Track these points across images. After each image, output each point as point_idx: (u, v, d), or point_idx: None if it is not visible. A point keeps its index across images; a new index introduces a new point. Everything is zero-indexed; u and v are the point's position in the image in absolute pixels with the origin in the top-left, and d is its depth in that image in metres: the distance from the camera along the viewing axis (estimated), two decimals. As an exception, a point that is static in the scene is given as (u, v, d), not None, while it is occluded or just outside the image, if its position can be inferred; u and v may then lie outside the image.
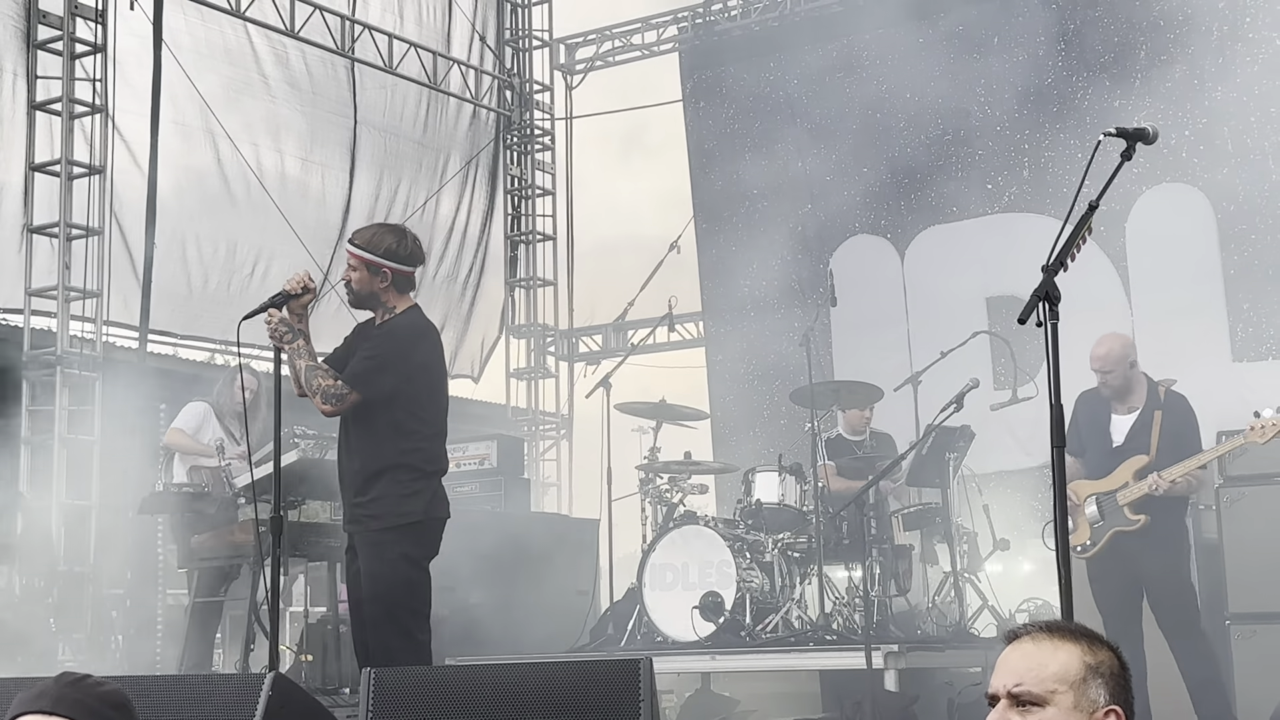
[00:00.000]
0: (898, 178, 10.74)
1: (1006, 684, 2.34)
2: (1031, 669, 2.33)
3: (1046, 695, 2.31)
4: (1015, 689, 2.32)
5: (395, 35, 12.03)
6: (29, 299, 9.43)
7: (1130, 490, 6.03)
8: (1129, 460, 6.08)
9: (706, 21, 12.21)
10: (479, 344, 13.22)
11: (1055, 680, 2.31)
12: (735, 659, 7.18)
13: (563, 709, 4.03)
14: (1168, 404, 6.20)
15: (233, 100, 10.78)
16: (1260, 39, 9.44)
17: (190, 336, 10.74)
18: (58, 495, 9.14)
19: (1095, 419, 6.32)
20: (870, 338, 10.70)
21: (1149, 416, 6.15)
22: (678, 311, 9.71)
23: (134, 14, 9.79)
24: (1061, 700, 2.30)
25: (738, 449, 10.75)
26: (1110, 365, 6.20)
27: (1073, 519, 6.20)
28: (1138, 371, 6.26)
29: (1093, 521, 6.15)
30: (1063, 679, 2.31)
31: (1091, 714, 2.31)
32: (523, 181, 13.50)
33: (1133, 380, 6.23)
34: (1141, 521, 5.99)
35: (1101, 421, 6.30)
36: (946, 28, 10.70)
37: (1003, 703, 2.34)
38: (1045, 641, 2.37)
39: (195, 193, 10.56)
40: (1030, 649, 2.37)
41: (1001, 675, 2.36)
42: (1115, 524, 6.05)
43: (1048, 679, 2.31)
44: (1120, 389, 6.22)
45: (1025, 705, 2.31)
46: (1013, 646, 2.40)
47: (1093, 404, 6.36)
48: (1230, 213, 9.45)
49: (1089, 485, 6.20)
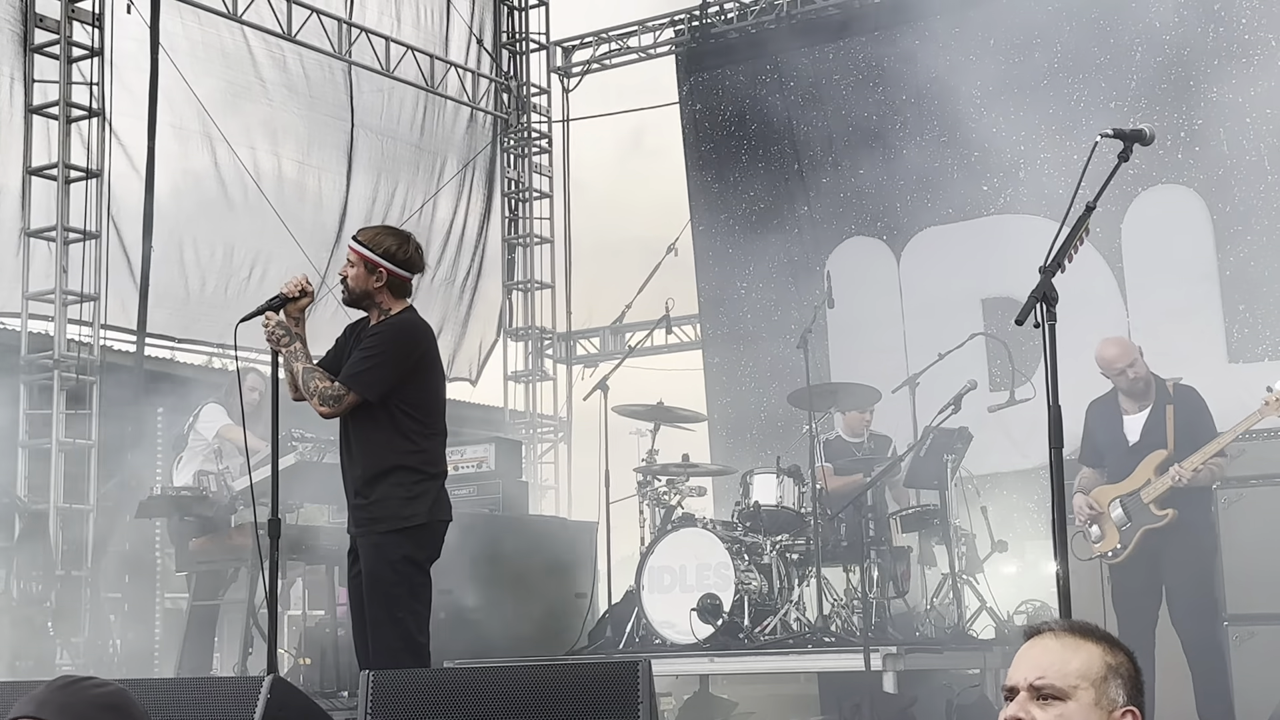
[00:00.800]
0: (893, 179, 10.74)
1: (1028, 676, 2.34)
2: (1055, 663, 2.34)
3: (1069, 690, 2.31)
4: (1038, 681, 2.32)
5: (392, 38, 12.04)
6: (26, 302, 9.43)
7: (1153, 486, 6.02)
8: (1148, 457, 6.07)
9: (703, 24, 12.22)
10: (477, 347, 13.23)
11: (1078, 676, 2.33)
12: (734, 661, 7.18)
13: (561, 711, 4.03)
14: (1178, 397, 6.19)
15: (230, 103, 10.78)
16: (1255, 40, 9.46)
17: (188, 340, 10.73)
18: (55, 499, 9.14)
19: (1108, 424, 6.32)
20: (866, 339, 10.70)
21: (1161, 412, 6.14)
22: (675, 314, 9.72)
23: (131, 18, 9.79)
24: (1083, 696, 2.31)
25: (736, 451, 10.76)
26: (1123, 365, 6.19)
27: (1100, 526, 6.20)
28: (1146, 369, 6.27)
29: (1120, 524, 6.12)
30: (1085, 675, 2.33)
31: (1111, 712, 2.32)
32: (520, 184, 13.51)
33: (1144, 377, 6.23)
34: (1169, 516, 5.99)
35: (1114, 424, 6.29)
36: (942, 30, 10.72)
37: (1023, 694, 2.34)
38: (1068, 638, 2.38)
39: (192, 196, 10.56)
40: (1053, 644, 2.37)
41: (1022, 668, 2.36)
42: (1143, 522, 6.04)
43: (1070, 674, 2.32)
44: (1132, 388, 6.21)
45: (1047, 699, 2.32)
46: (1033, 641, 2.40)
47: (1103, 410, 6.36)
48: (1225, 214, 9.46)
49: (1111, 490, 6.19)
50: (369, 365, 4.99)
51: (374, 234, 5.19)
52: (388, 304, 5.12)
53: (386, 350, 5.02)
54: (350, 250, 5.14)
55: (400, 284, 5.12)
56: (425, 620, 5.07)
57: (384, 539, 5.00)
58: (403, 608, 4.99)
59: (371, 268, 5.06)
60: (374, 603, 5.00)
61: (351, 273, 5.09)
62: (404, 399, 5.04)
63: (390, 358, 5.01)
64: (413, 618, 5.01)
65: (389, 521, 4.99)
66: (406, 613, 4.99)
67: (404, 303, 5.16)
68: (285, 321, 5.04)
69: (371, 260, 5.06)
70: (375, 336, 5.08)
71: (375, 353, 5.02)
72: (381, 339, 5.06)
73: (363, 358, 5.02)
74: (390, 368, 5.00)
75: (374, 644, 5.01)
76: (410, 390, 5.06)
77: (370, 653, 5.02)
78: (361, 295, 5.11)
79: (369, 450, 5.06)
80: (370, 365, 4.99)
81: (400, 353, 5.04)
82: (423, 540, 5.05)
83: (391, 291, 5.11)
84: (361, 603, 5.08)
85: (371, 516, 5.03)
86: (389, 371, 5.00)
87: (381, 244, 5.10)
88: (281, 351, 5.03)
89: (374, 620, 5.00)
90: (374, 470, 5.04)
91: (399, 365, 5.02)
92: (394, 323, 5.10)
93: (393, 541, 4.99)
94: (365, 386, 4.99)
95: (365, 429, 5.07)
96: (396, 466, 5.02)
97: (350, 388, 4.98)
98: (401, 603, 4.99)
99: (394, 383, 5.01)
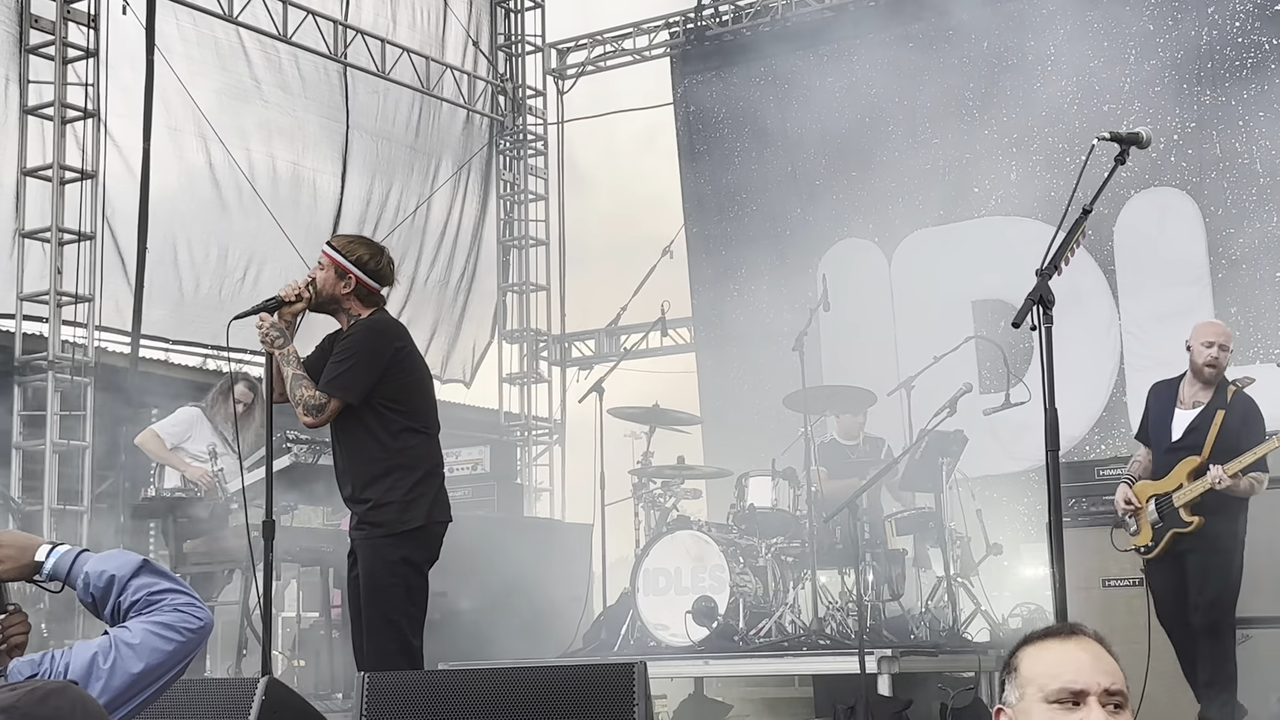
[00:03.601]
0: (885, 181, 10.76)
1: (1102, 682, 2.18)
2: (1115, 669, 2.22)
3: (1129, 696, 2.22)
4: (1113, 686, 2.18)
5: (388, 40, 12.04)
6: (21, 304, 9.42)
7: (1185, 491, 6.02)
8: (1184, 461, 6.07)
9: (697, 27, 12.25)
10: (470, 349, 13.21)
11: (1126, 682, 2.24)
12: (728, 663, 7.17)
13: (557, 713, 4.04)
14: (1233, 404, 6.10)
15: (225, 105, 10.78)
16: (1248, 43, 9.49)
17: (182, 341, 10.72)
18: (50, 500, 9.13)
19: (1161, 412, 6.28)
20: (858, 341, 10.72)
21: (1210, 415, 6.09)
22: (670, 316, 9.72)
23: (126, 18, 9.78)
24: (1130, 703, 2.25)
25: (731, 453, 10.72)
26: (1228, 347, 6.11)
27: (1136, 521, 6.24)
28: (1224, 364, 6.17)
29: (1153, 523, 6.16)
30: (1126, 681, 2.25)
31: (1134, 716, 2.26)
32: (515, 186, 13.51)
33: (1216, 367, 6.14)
34: (1196, 523, 5.98)
35: (1166, 415, 6.25)
36: (934, 33, 10.75)
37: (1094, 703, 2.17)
38: (1098, 646, 2.26)
39: (187, 197, 10.55)
40: (1099, 650, 2.24)
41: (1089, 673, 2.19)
42: (1172, 525, 6.07)
43: (1123, 680, 2.22)
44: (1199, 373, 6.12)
45: (1120, 707, 2.19)
46: (1078, 644, 2.26)
47: (1162, 396, 6.32)
48: (1217, 217, 9.49)
49: (1150, 486, 6.20)
50: (345, 368, 5.00)
51: (348, 241, 5.23)
52: (356, 310, 5.12)
53: (360, 350, 5.03)
54: (323, 254, 5.16)
55: (369, 294, 5.12)
56: (420, 623, 5.07)
57: (382, 542, 5.00)
58: (398, 610, 4.99)
59: (341, 273, 5.08)
60: (370, 605, 5.01)
61: (320, 275, 5.11)
62: (387, 397, 5.04)
63: (365, 357, 5.02)
64: (407, 620, 5.02)
65: (387, 525, 4.99)
66: (401, 615, 5.00)
67: (372, 310, 5.17)
68: (279, 324, 5.05)
69: (342, 266, 5.08)
70: (347, 339, 5.09)
71: (349, 354, 5.03)
72: (353, 340, 5.07)
73: (338, 362, 5.03)
74: (366, 367, 5.00)
75: (368, 645, 5.01)
76: (392, 387, 5.05)
77: (364, 654, 5.03)
78: (328, 299, 5.10)
79: (362, 453, 5.06)
80: (346, 368, 5.00)
81: (374, 351, 5.04)
82: (421, 543, 5.05)
83: (360, 300, 5.11)
84: (359, 604, 5.08)
85: (370, 520, 5.03)
86: (366, 371, 5.00)
87: (354, 252, 5.12)
88: (275, 353, 5.04)
89: (369, 622, 5.01)
90: (369, 473, 5.04)
91: (375, 364, 5.02)
92: (365, 324, 5.11)
93: (391, 544, 4.99)
94: (344, 390, 4.99)
95: (355, 432, 5.07)
96: (392, 467, 5.02)
97: (331, 394, 4.98)
98: (397, 605, 4.99)
99: (373, 382, 5.01)
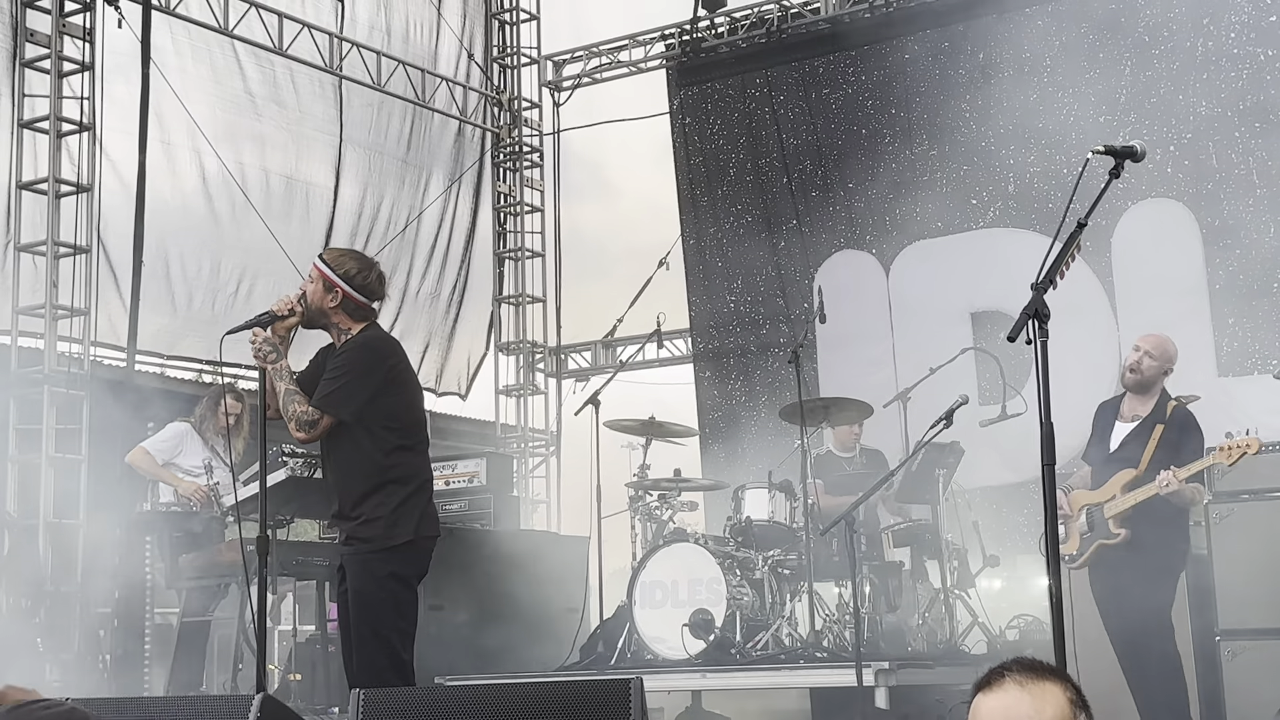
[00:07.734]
0: (883, 193, 10.77)
1: None
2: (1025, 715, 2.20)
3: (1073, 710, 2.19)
4: None
5: (383, 53, 12.04)
6: (16, 317, 9.40)
7: (1117, 502, 6.01)
8: (1119, 473, 6.06)
9: (693, 39, 12.25)
10: (465, 360, 13.19)
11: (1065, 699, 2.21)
12: (726, 677, 7.15)
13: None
14: (1172, 418, 6.07)
15: (219, 118, 10.77)
16: (1244, 54, 9.50)
17: (175, 356, 10.70)
18: (45, 514, 9.10)
19: (1103, 425, 6.27)
20: (855, 353, 10.71)
21: (1148, 428, 6.07)
22: (666, 328, 9.73)
23: (122, 32, 9.77)
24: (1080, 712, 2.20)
25: (727, 466, 10.75)
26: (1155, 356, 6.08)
27: (1066, 528, 6.17)
28: (1156, 375, 6.14)
29: (1082, 533, 6.14)
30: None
31: None
32: (511, 198, 13.51)
33: (1155, 386, 6.13)
34: (1121, 536, 5.96)
35: (1107, 428, 6.25)
36: (932, 45, 10.76)
37: None
38: (1032, 684, 2.24)
39: (180, 211, 10.53)
40: (1022, 695, 2.23)
41: None
42: (1099, 536, 6.04)
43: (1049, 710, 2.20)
44: (1142, 384, 6.12)
45: None
46: (999, 692, 2.25)
47: (1105, 411, 6.32)
48: (1215, 227, 9.48)
49: (1085, 496, 6.18)
50: (338, 385, 5.00)
51: (338, 255, 5.23)
52: (346, 325, 5.12)
53: (354, 368, 5.02)
54: (313, 267, 5.16)
55: (357, 308, 5.12)
56: (410, 637, 5.07)
57: (371, 557, 5.00)
58: (388, 625, 4.99)
59: (329, 287, 5.07)
60: (359, 620, 5.00)
61: (309, 289, 5.11)
62: (380, 414, 5.03)
63: (358, 375, 5.01)
64: (398, 635, 5.01)
65: (376, 540, 4.99)
66: (391, 630, 4.99)
67: (363, 325, 5.16)
68: (272, 339, 5.04)
69: (330, 279, 5.07)
70: (341, 356, 5.08)
71: (342, 372, 5.02)
72: (347, 357, 5.06)
73: (331, 379, 5.02)
74: (360, 385, 5.00)
75: (358, 660, 5.00)
76: (385, 404, 5.05)
77: (354, 669, 5.02)
78: (316, 313, 5.10)
79: (351, 469, 5.05)
80: (339, 385, 5.00)
81: (367, 368, 5.04)
82: (410, 558, 5.04)
83: (348, 314, 5.11)
84: (349, 620, 5.07)
85: (358, 535, 5.03)
86: (359, 388, 5.00)
87: (343, 265, 5.12)
88: (268, 368, 5.03)
89: (359, 637, 5.00)
90: (359, 489, 5.03)
91: (368, 381, 5.02)
92: (358, 340, 5.10)
93: (379, 559, 4.99)
94: (337, 407, 4.99)
95: (345, 448, 5.06)
96: (381, 483, 5.01)
97: (323, 410, 4.98)
98: (386, 620, 4.99)
99: (365, 399, 5.00)
